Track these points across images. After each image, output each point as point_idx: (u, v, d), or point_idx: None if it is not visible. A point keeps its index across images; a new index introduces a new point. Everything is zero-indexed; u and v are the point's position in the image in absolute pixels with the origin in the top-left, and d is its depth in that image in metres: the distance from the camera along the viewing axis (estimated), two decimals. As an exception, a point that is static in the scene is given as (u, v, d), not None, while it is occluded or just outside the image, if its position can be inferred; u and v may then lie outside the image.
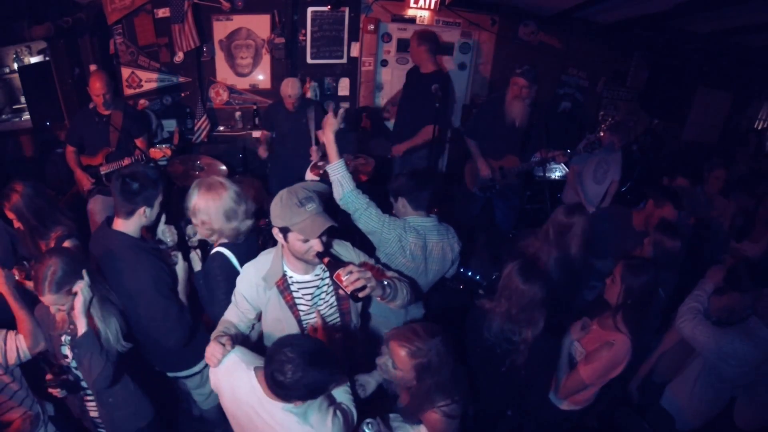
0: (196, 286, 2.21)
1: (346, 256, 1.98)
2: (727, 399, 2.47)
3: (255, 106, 5.00)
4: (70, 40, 4.21)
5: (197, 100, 4.79)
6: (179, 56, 4.64)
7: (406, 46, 4.80)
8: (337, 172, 2.19)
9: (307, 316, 1.92)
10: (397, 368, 1.78)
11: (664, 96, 5.48)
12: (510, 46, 5.22)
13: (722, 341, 2.25)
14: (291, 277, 1.90)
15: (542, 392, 2.40)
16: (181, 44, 4.50)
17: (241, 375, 1.61)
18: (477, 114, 4.13)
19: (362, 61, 5.10)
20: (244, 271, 1.94)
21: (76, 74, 4.30)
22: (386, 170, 4.23)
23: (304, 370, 1.43)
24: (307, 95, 4.81)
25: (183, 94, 4.85)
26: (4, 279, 2.00)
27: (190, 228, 2.19)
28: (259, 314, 1.97)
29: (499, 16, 5.11)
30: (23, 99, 4.15)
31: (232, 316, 1.94)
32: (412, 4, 4.77)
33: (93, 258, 2.07)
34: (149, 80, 4.72)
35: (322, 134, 2.22)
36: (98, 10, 4.27)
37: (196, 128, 4.80)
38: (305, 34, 4.84)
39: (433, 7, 4.78)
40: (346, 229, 2.22)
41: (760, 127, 6.24)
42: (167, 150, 3.37)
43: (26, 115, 4.15)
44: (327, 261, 1.74)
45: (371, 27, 4.91)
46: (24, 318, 1.97)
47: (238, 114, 4.99)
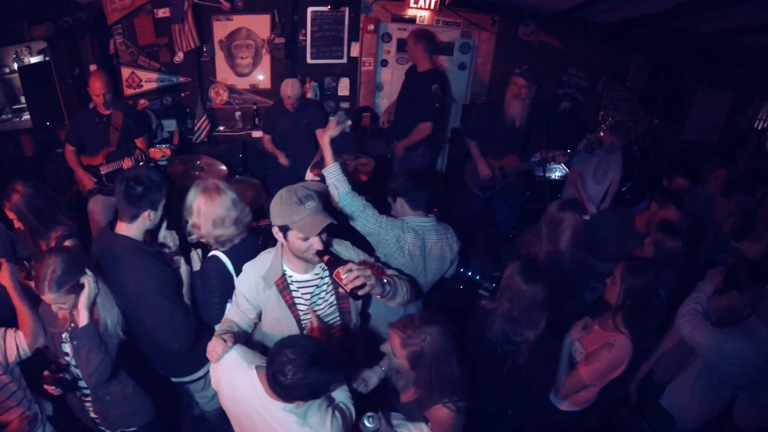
0: (194, 285, 2.21)
1: (346, 254, 1.98)
2: (728, 399, 2.47)
3: (255, 106, 5.01)
4: (70, 40, 4.21)
5: (197, 100, 4.79)
6: (179, 56, 4.64)
7: (406, 46, 4.80)
8: (332, 175, 2.23)
9: (307, 316, 1.92)
10: (395, 356, 1.78)
11: (664, 96, 5.47)
12: (510, 46, 5.22)
13: (722, 341, 2.25)
14: (290, 277, 1.90)
15: (543, 393, 2.39)
16: (181, 44, 4.50)
17: (241, 373, 1.61)
18: (477, 114, 4.13)
19: (362, 61, 5.10)
20: (244, 270, 1.94)
21: (76, 74, 4.30)
22: (386, 170, 4.23)
23: (306, 371, 1.43)
24: (307, 95, 4.81)
25: (183, 94, 4.85)
26: (9, 273, 2.00)
27: (189, 225, 2.18)
28: (260, 314, 1.96)
29: (498, 16, 5.11)
30: (23, 99, 4.14)
31: (234, 315, 1.95)
32: (412, 4, 4.77)
33: (94, 260, 2.06)
34: (149, 80, 4.72)
35: (320, 136, 2.24)
36: (98, 10, 4.28)
37: (196, 128, 4.80)
38: (305, 34, 4.84)
39: (433, 7, 4.78)
40: (346, 229, 2.22)
41: (760, 127, 6.22)
42: (167, 150, 3.37)
43: (26, 115, 4.14)
44: (327, 259, 1.74)
45: (371, 27, 4.91)
46: (25, 312, 1.97)
47: (238, 114, 4.99)
